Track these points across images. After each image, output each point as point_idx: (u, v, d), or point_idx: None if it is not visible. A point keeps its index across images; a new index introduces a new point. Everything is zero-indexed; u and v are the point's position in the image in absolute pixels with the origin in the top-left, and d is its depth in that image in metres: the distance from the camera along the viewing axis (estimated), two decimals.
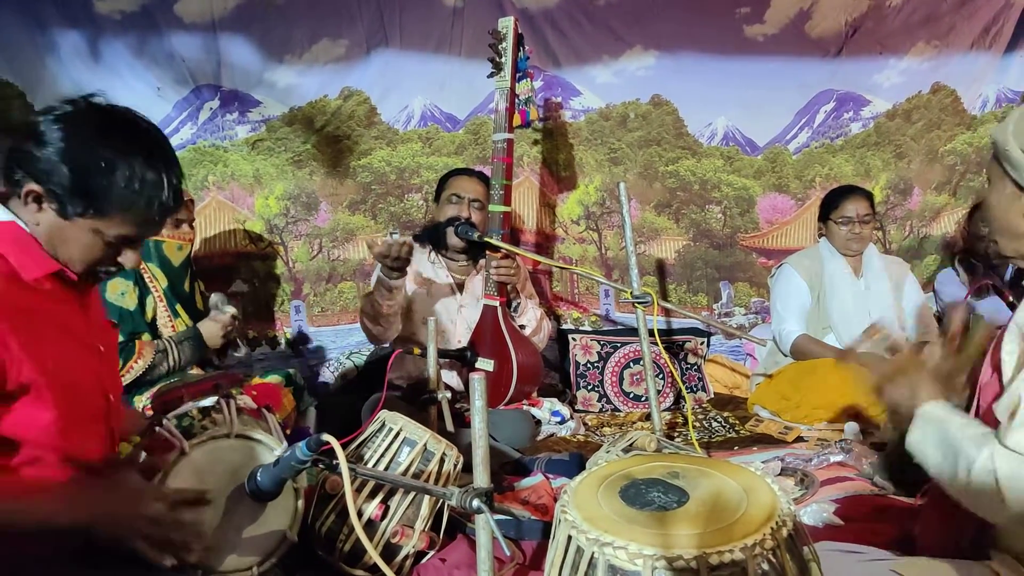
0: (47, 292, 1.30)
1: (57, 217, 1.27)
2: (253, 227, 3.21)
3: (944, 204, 3.76)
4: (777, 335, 3.06)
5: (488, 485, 1.27)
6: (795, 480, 2.09)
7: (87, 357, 1.39)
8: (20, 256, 1.26)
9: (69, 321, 1.36)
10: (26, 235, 1.28)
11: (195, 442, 1.42)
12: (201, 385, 2.30)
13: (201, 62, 3.01)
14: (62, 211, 1.26)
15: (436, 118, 3.33)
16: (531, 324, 2.84)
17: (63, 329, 1.34)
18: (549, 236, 3.53)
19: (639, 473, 1.17)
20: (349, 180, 3.29)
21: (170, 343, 2.37)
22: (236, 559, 1.41)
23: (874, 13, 3.41)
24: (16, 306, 1.24)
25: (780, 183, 3.61)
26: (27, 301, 1.26)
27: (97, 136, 1.26)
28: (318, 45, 3.10)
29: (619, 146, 3.48)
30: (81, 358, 1.37)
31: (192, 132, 3.07)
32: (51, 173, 1.24)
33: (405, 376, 2.76)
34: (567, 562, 1.03)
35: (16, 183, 1.26)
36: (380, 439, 1.81)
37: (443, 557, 1.74)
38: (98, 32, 2.88)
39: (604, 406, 3.22)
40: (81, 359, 1.37)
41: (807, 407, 2.68)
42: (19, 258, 1.26)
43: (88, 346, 1.40)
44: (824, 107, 3.57)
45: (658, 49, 3.36)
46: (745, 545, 0.95)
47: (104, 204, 1.26)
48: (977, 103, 3.67)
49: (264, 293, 3.27)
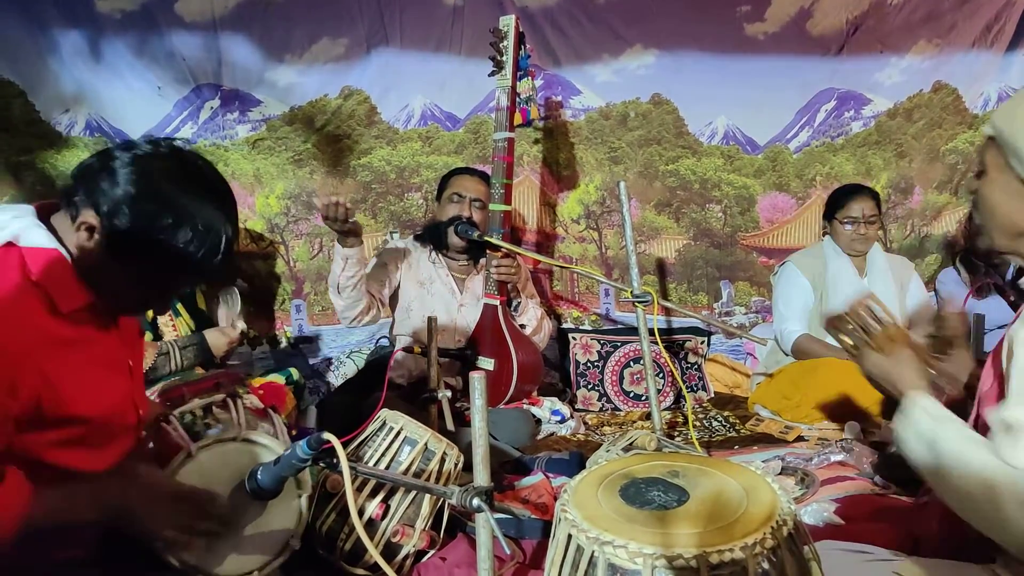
0: (82, 318, 1.27)
1: (103, 252, 1.23)
2: (254, 226, 3.21)
3: (945, 203, 3.75)
4: (779, 334, 3.06)
5: (488, 484, 1.27)
6: (795, 479, 2.09)
7: (120, 379, 1.37)
8: (57, 288, 1.22)
9: (103, 345, 1.33)
10: (65, 264, 1.23)
11: (202, 445, 1.42)
12: (202, 383, 2.30)
13: (202, 61, 3.01)
14: (111, 250, 1.22)
15: (436, 117, 3.33)
16: (531, 323, 2.84)
17: (97, 356, 1.31)
18: (549, 235, 3.53)
19: (639, 472, 1.17)
20: (349, 179, 3.29)
21: (173, 347, 2.37)
22: (238, 562, 1.41)
23: (875, 11, 3.40)
24: (52, 338, 1.21)
25: (781, 182, 3.61)
26: (63, 331, 1.23)
27: (168, 188, 1.22)
28: (318, 44, 3.10)
29: (619, 145, 3.48)
30: (114, 381, 1.35)
31: (193, 131, 3.08)
32: (113, 214, 1.20)
33: (406, 375, 2.77)
34: (567, 561, 1.03)
35: (72, 205, 1.23)
36: (381, 438, 1.81)
37: (443, 556, 1.74)
38: (99, 31, 2.88)
39: (604, 405, 3.22)
40: (114, 382, 1.35)
41: (808, 406, 2.68)
42: (56, 290, 1.22)
43: (120, 365, 1.38)
44: (825, 106, 3.57)
45: (658, 48, 3.36)
46: (745, 544, 0.95)
47: (155, 256, 1.23)
48: (979, 102, 3.67)
49: (265, 292, 3.27)
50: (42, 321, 1.20)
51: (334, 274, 2.60)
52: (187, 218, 1.22)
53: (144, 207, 1.20)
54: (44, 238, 1.22)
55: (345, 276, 2.56)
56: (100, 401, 1.27)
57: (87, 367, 1.27)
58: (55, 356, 1.20)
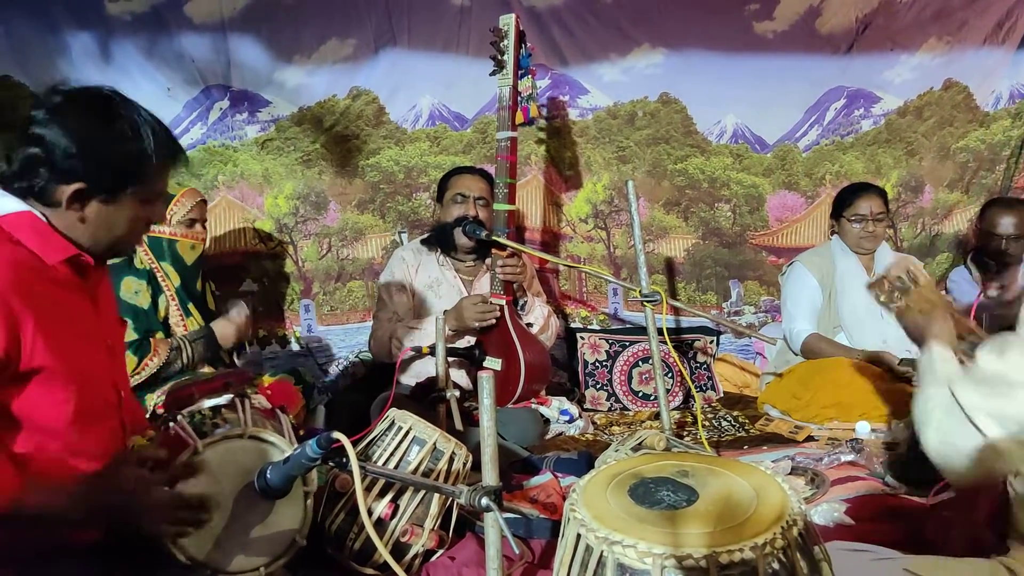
0: (63, 281, 1.33)
1: (104, 206, 1.31)
2: (263, 226, 3.22)
3: (956, 202, 3.73)
4: (788, 333, 3.04)
5: (497, 484, 1.28)
6: (805, 479, 2.08)
7: (98, 352, 1.41)
8: (39, 242, 1.29)
9: (82, 313, 1.38)
10: (43, 223, 1.30)
11: (208, 442, 1.43)
12: (212, 383, 2.31)
13: (211, 62, 3.02)
14: (110, 197, 1.31)
15: (444, 117, 3.33)
16: (538, 322, 2.83)
17: (77, 319, 1.36)
18: (557, 235, 3.52)
19: (648, 472, 1.16)
20: (358, 179, 3.30)
21: (184, 341, 2.40)
22: (244, 560, 1.41)
23: (885, 9, 3.38)
24: (35, 290, 1.26)
25: (790, 181, 3.59)
26: (45, 287, 1.28)
27: (94, 113, 1.31)
28: (326, 45, 3.11)
29: (627, 144, 3.47)
30: (93, 350, 1.39)
31: (202, 132, 3.09)
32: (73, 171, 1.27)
33: (414, 375, 2.77)
34: (576, 560, 1.03)
35: (43, 191, 1.29)
36: (390, 438, 1.81)
37: (452, 555, 1.74)
38: (109, 33, 2.90)
39: (613, 405, 3.22)
40: (93, 351, 1.39)
41: (817, 406, 2.66)
42: (39, 244, 1.28)
43: (99, 340, 1.42)
44: (834, 104, 3.55)
45: (666, 47, 3.35)
46: (755, 544, 0.95)
47: (143, 169, 1.32)
48: (990, 99, 3.64)
49: (274, 292, 3.28)
50: (25, 275, 1.25)
51: (392, 351, 2.73)
52: (126, 125, 1.31)
53: (93, 144, 1.28)
54: (15, 203, 1.29)
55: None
56: (77, 358, 1.31)
57: (67, 323, 1.32)
58: (36, 305, 1.25)
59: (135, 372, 2.25)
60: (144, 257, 2.42)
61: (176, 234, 2.44)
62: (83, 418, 1.32)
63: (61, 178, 1.28)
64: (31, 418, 1.26)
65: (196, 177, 3.05)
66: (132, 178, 1.33)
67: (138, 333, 2.32)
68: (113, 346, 1.49)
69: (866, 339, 2.89)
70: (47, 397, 1.27)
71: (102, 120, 1.30)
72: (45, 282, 1.29)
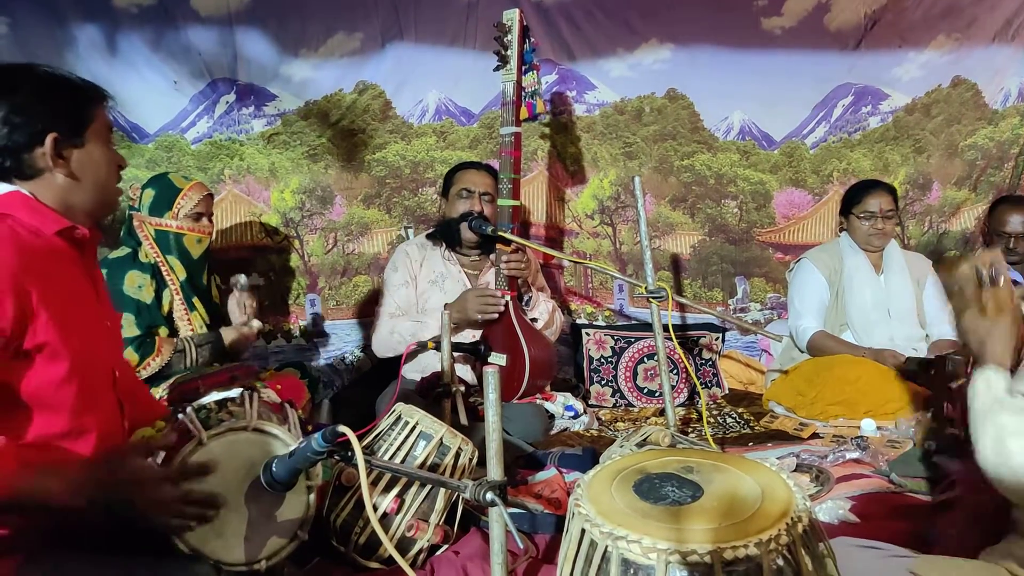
0: (63, 256, 1.36)
1: (79, 151, 1.37)
2: (269, 220, 3.23)
3: (964, 199, 3.71)
4: (794, 331, 3.04)
5: (502, 479, 1.28)
6: (810, 477, 2.08)
7: (98, 329, 1.44)
8: (34, 216, 1.33)
9: (83, 290, 1.41)
10: (33, 199, 1.35)
11: (213, 433, 1.43)
12: (217, 377, 2.32)
13: (217, 56, 3.02)
14: (78, 140, 1.37)
15: (451, 112, 3.33)
16: (543, 317, 2.83)
17: (79, 296, 1.39)
18: (563, 230, 3.52)
19: (653, 467, 1.16)
20: (364, 174, 3.30)
21: (189, 343, 2.39)
22: (246, 551, 1.42)
23: (894, 6, 3.36)
24: (38, 265, 1.28)
25: (797, 178, 3.58)
26: (47, 262, 1.31)
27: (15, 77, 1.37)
28: (333, 39, 3.10)
29: (634, 140, 3.47)
30: (93, 327, 1.42)
31: (208, 126, 3.09)
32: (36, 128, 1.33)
33: (419, 370, 2.77)
34: (580, 555, 1.03)
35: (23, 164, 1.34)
36: (396, 432, 1.81)
37: (457, 550, 1.75)
38: (115, 26, 2.90)
39: (618, 401, 3.22)
40: (93, 328, 1.42)
41: (823, 403, 2.66)
42: (34, 217, 1.32)
43: (98, 318, 1.45)
44: (842, 101, 3.53)
45: (673, 42, 3.34)
46: (760, 540, 0.95)
47: (87, 97, 1.41)
48: (999, 97, 3.62)
49: (280, 286, 3.29)
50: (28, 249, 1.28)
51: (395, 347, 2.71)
52: (48, 69, 1.39)
53: (37, 93, 1.35)
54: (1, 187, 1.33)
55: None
56: (78, 331, 1.33)
57: (68, 297, 1.34)
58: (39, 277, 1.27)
59: (136, 370, 2.25)
60: (149, 251, 2.42)
61: (183, 228, 2.44)
62: (84, 397, 1.33)
63: (32, 141, 1.33)
64: (38, 397, 1.27)
65: (202, 171, 3.06)
66: (84, 109, 1.39)
67: (140, 329, 2.32)
68: (111, 328, 1.52)
69: (873, 337, 2.89)
70: (51, 375, 1.28)
71: (28, 75, 1.37)
72: (46, 256, 1.31)
